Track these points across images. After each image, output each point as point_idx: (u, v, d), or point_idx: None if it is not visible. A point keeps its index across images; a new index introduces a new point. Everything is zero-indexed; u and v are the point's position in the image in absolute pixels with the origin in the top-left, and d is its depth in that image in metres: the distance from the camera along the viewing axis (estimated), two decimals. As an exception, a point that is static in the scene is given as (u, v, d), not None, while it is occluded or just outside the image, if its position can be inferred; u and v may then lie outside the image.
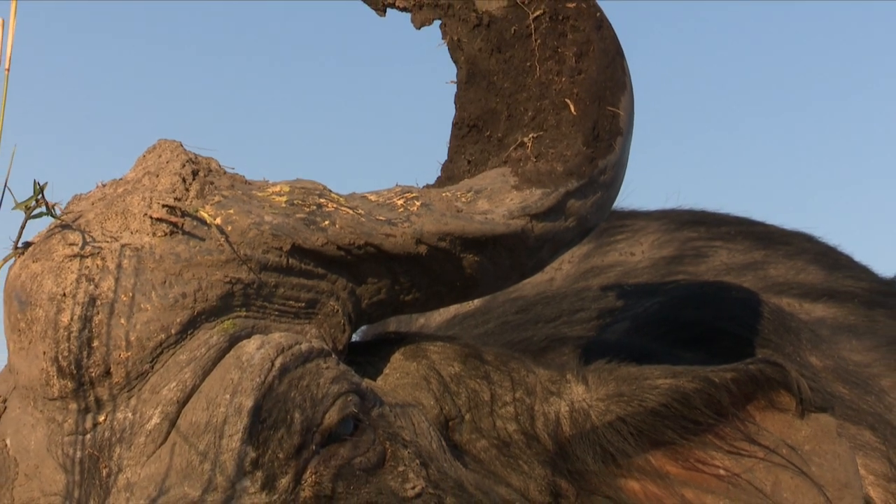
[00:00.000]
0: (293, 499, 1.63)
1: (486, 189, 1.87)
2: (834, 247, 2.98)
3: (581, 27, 1.92)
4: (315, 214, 1.75)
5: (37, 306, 1.66)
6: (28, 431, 1.68)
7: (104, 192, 1.77)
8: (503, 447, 1.85)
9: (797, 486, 1.82)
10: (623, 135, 1.92)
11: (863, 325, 2.65)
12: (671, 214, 2.98)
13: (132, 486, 1.62)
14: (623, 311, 2.39)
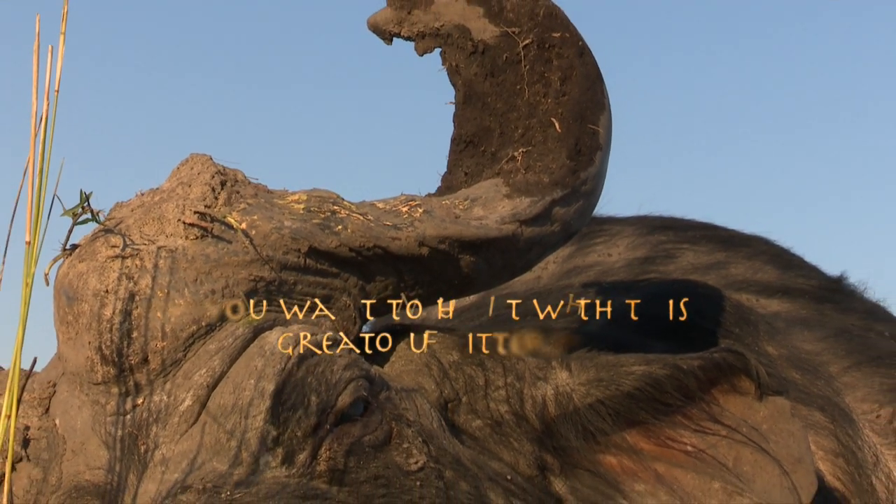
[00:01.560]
0: (310, 472, 1.62)
1: (480, 198, 1.87)
2: (787, 249, 2.98)
3: (565, 54, 1.92)
4: (329, 220, 1.74)
5: (83, 301, 1.66)
6: (75, 412, 1.68)
7: (142, 200, 1.76)
8: (496, 426, 1.85)
9: (756, 461, 1.82)
10: (602, 149, 1.92)
11: (813, 319, 2.64)
12: (644, 220, 2.98)
13: (167, 460, 1.61)
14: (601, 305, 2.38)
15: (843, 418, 2.35)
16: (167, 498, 1.57)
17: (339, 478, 1.63)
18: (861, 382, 2.47)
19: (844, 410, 2.37)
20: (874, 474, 2.31)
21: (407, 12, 2.01)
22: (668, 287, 2.52)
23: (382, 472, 1.66)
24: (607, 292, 2.43)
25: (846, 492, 2.25)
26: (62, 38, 1.45)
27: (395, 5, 2.02)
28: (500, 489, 1.76)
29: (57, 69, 1.44)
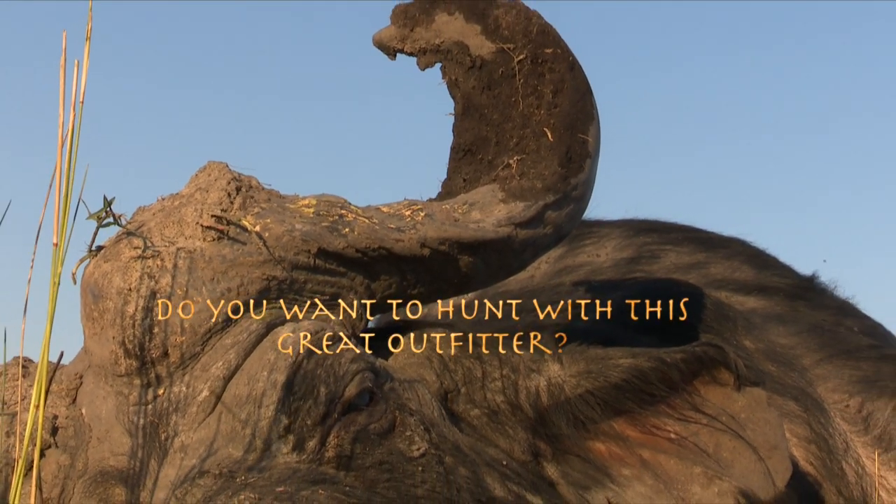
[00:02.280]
0: (319, 458, 1.61)
1: (478, 202, 1.86)
2: (763, 250, 2.97)
3: (557, 69, 1.92)
4: (337, 223, 1.74)
5: (107, 299, 1.66)
6: (100, 402, 1.67)
7: (163, 205, 1.76)
8: (492, 415, 1.84)
9: (735, 447, 1.81)
10: (591, 157, 1.92)
11: (787, 315, 2.64)
12: (630, 223, 2.97)
13: (186, 447, 1.61)
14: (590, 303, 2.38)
15: (816, 407, 2.34)
16: (186, 482, 1.56)
17: (346, 463, 1.62)
18: (832, 374, 2.47)
19: (816, 400, 2.37)
20: (844, 460, 2.30)
21: (409, 30, 2.01)
22: (652, 285, 2.51)
23: (387, 458, 1.66)
24: (596, 290, 2.42)
25: (818, 476, 2.25)
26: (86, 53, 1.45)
27: (398, 23, 2.02)
28: (497, 474, 1.76)
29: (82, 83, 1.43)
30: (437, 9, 2.00)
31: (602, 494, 1.83)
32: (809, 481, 2.23)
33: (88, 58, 1.41)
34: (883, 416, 2.39)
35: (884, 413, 2.40)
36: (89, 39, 1.46)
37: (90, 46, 1.43)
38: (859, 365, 2.49)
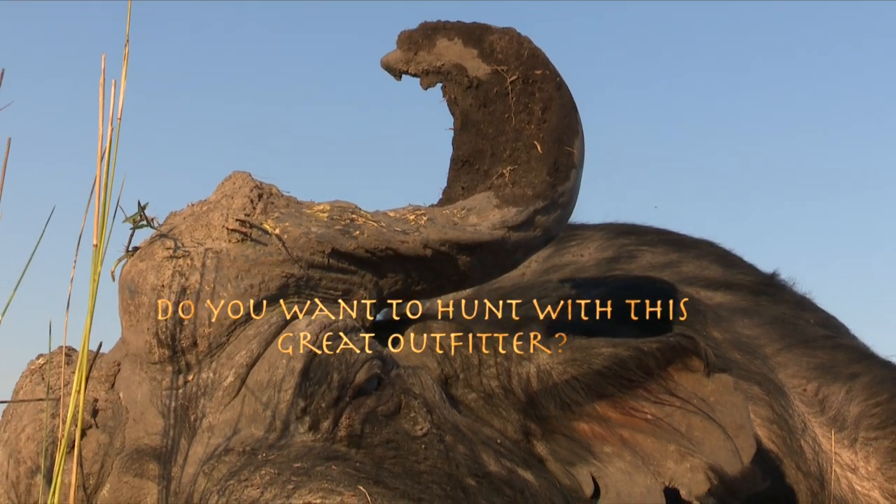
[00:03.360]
0: (332, 437, 1.61)
1: (475, 208, 1.86)
2: (729, 250, 2.96)
3: (545, 88, 1.92)
4: (349, 226, 1.73)
5: (142, 294, 1.65)
6: (136, 387, 1.66)
7: (192, 210, 1.75)
8: (488, 398, 1.83)
9: (705, 427, 1.81)
10: (576, 167, 1.91)
11: (751, 308, 2.63)
12: (610, 227, 2.96)
13: (213, 427, 1.60)
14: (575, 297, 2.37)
15: (777, 392, 2.33)
16: (212, 459, 1.56)
17: (356, 442, 1.61)
18: (791, 362, 2.46)
19: (778, 385, 2.36)
20: (803, 438, 2.29)
21: (413, 53, 2.01)
22: (630, 282, 2.50)
23: (393, 437, 1.65)
24: (580, 286, 2.41)
25: (779, 453, 2.24)
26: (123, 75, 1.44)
27: (403, 47, 2.02)
28: (492, 451, 1.75)
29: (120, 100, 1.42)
30: (438, 35, 2.00)
31: (586, 469, 1.82)
32: (771, 458, 2.22)
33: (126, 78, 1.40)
34: (837, 400, 2.38)
35: (838, 396, 2.39)
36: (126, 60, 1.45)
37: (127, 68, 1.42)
38: (816, 353, 2.48)
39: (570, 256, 2.76)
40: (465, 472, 1.67)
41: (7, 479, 1.66)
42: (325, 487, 1.49)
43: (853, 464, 2.31)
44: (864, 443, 2.33)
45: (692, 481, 1.79)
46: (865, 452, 2.31)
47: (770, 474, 2.18)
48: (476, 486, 1.66)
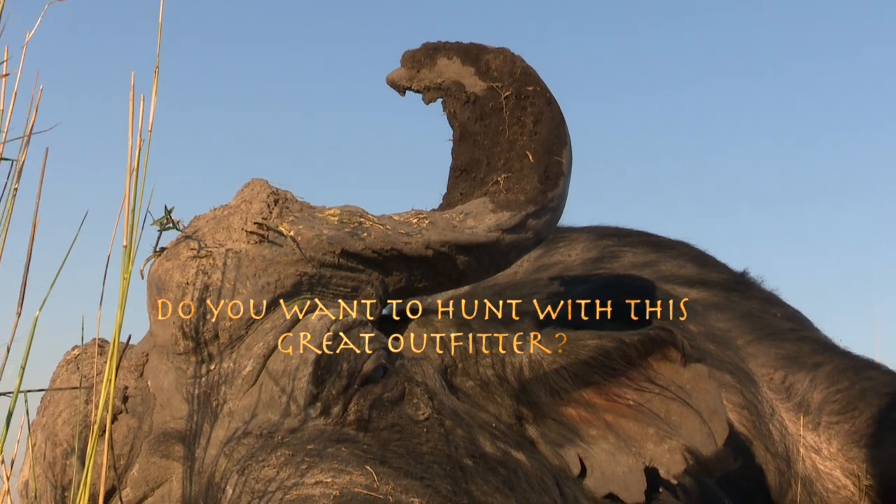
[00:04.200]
0: (342, 421, 1.60)
1: (472, 212, 1.85)
2: (704, 251, 2.95)
3: (536, 103, 1.91)
4: (357, 229, 1.72)
5: (169, 291, 1.64)
6: (163, 376, 1.66)
7: (214, 214, 1.75)
8: (484, 386, 1.83)
9: (682, 412, 1.80)
10: (565, 176, 1.91)
11: (723, 304, 2.62)
12: (595, 229, 2.95)
13: (233, 412, 1.59)
14: (563, 294, 2.36)
15: (747, 380, 2.33)
16: (232, 441, 1.55)
17: (364, 426, 1.61)
18: (760, 352, 2.46)
19: (748, 374, 2.35)
20: (771, 422, 2.29)
21: (416, 71, 2.01)
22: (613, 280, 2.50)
23: (397, 421, 1.64)
24: (568, 283, 2.41)
25: (749, 436, 2.23)
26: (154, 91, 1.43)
27: (407, 66, 2.01)
28: (487, 434, 1.74)
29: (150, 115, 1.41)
30: (439, 54, 1.99)
31: (573, 451, 1.81)
32: (742, 440, 2.21)
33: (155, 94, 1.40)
34: (802, 387, 2.38)
35: (803, 384, 2.38)
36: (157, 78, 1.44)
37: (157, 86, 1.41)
38: (782, 345, 2.48)
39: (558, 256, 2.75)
40: (463, 453, 1.66)
41: (44, 460, 1.66)
42: (335, 467, 1.49)
43: (817, 445, 2.30)
44: (826, 426, 2.32)
45: (670, 461, 1.78)
46: (828, 435, 2.31)
47: (741, 455, 2.18)
48: (473, 465, 1.65)
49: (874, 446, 2.26)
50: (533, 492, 1.68)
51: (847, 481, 2.27)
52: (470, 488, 1.60)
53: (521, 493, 1.65)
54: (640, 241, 2.87)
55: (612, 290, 2.38)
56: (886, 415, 2.29)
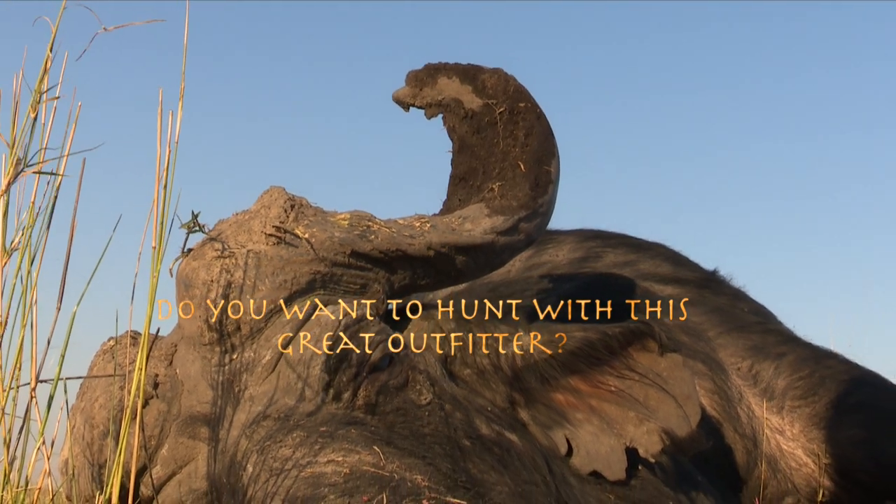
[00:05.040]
0: (352, 406, 1.59)
1: (470, 216, 1.84)
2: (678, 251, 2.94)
3: (527, 118, 1.90)
4: (366, 232, 1.71)
5: (195, 288, 1.63)
6: (190, 364, 1.65)
7: (237, 218, 1.74)
8: (480, 374, 1.82)
9: (659, 397, 1.79)
10: (553, 183, 1.90)
11: (696, 299, 2.61)
12: (581, 232, 2.94)
13: (253, 397, 1.58)
14: (552, 290, 2.35)
15: (718, 368, 2.31)
16: (253, 423, 1.54)
17: (371, 410, 1.60)
18: (729, 343, 2.44)
19: (718, 362, 2.34)
20: (739, 406, 2.28)
21: (419, 90, 2.00)
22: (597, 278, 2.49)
23: (402, 405, 1.63)
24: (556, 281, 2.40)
25: (720, 418, 2.22)
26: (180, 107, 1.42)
27: (410, 85, 2.01)
28: (483, 417, 1.73)
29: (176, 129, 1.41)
30: (440, 74, 1.99)
31: (561, 432, 1.80)
32: (713, 422, 2.20)
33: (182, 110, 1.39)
34: (767, 375, 2.37)
35: (768, 372, 2.37)
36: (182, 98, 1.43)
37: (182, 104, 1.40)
38: (749, 336, 2.47)
39: (547, 256, 2.74)
40: (461, 435, 1.65)
41: (83, 440, 1.65)
42: (345, 447, 1.48)
43: (781, 427, 2.29)
44: (789, 410, 2.31)
45: (648, 442, 1.77)
46: (791, 418, 2.30)
47: (712, 436, 2.17)
48: (470, 446, 1.64)
49: (832, 428, 2.25)
50: (524, 469, 1.67)
51: (808, 460, 2.26)
52: (468, 466, 1.59)
53: (513, 471, 1.64)
54: (620, 242, 2.85)
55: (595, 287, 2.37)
56: (843, 399, 2.28)
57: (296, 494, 1.40)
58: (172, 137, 1.41)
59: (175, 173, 1.40)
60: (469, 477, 1.56)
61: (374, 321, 1.68)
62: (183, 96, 1.44)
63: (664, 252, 2.88)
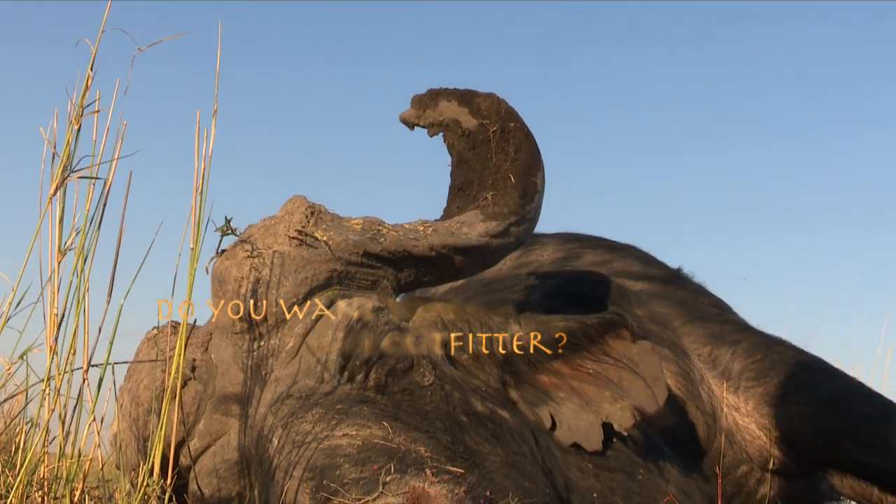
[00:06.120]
0: (364, 386, 1.58)
1: (467, 222, 1.83)
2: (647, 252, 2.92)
3: (517, 136, 1.89)
4: (376, 235, 1.71)
5: (228, 283, 1.63)
6: (223, 350, 1.64)
7: (264, 223, 1.73)
8: (476, 359, 1.81)
9: (632, 379, 1.78)
10: (539, 193, 1.89)
11: (663, 293, 2.60)
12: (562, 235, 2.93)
13: (278, 379, 1.58)
14: (538, 286, 2.34)
15: (682, 353, 2.30)
16: (278, 402, 1.53)
17: (381, 390, 1.59)
18: (692, 332, 2.43)
19: (682, 348, 2.33)
20: (700, 386, 2.27)
21: (422, 111, 1.99)
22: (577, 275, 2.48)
23: (408, 386, 1.62)
24: (542, 278, 2.38)
25: (684, 397, 2.21)
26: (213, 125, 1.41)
27: (415, 107, 2.00)
28: (479, 396, 1.72)
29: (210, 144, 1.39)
30: (440, 98, 1.98)
31: (546, 409, 1.79)
32: (678, 401, 2.19)
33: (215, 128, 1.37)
34: (724, 359, 2.36)
35: (725, 357, 2.36)
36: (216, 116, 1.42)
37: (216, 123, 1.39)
38: (709, 326, 2.45)
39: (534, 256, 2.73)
40: (459, 411, 1.64)
41: (130, 417, 1.64)
42: (358, 423, 1.47)
43: (736, 405, 2.28)
44: (744, 390, 2.30)
45: (622, 418, 1.77)
46: (745, 397, 2.29)
47: (677, 412, 2.16)
48: (467, 421, 1.63)
49: (781, 405, 2.24)
50: (514, 442, 1.66)
51: (760, 433, 2.25)
52: (465, 439, 1.58)
53: (505, 443, 1.63)
54: (597, 244, 2.84)
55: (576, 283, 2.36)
56: (790, 381, 2.27)
57: (315, 463, 1.39)
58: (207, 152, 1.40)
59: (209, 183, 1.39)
60: (466, 448, 1.55)
61: (384, 313, 1.67)
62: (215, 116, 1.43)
63: (635, 252, 2.87)
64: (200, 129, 1.35)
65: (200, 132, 1.36)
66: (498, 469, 1.55)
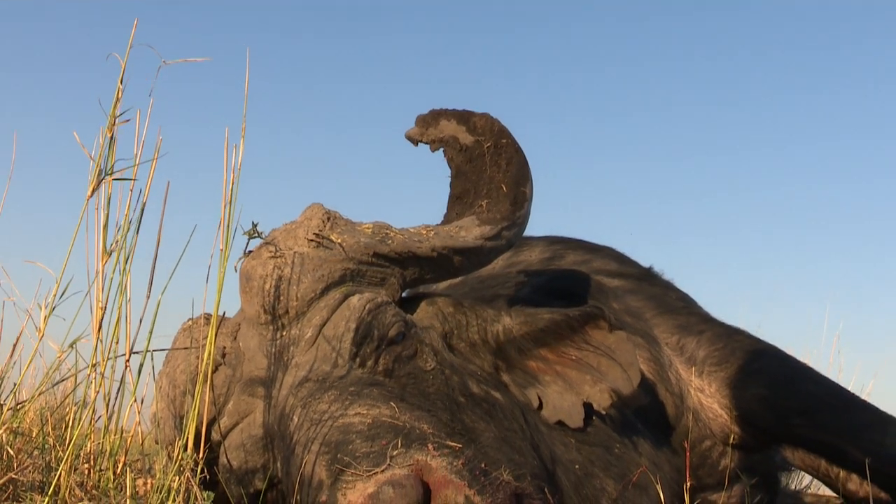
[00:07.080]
0: (373, 371, 1.58)
1: (464, 226, 1.83)
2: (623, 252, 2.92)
3: (508, 151, 1.89)
4: (385, 238, 1.70)
5: (254, 280, 1.62)
6: (250, 339, 1.64)
7: (286, 227, 1.73)
8: (472, 346, 1.80)
9: (609, 364, 1.78)
10: (528, 201, 1.89)
11: (636, 289, 2.59)
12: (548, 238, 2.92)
13: (298, 365, 1.57)
14: (527, 283, 2.34)
15: (653, 342, 2.30)
16: (298, 385, 1.53)
17: (389, 374, 1.59)
18: (662, 323, 2.43)
19: (654, 338, 2.33)
20: (669, 371, 2.26)
21: (425, 129, 1.99)
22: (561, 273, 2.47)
23: (412, 370, 1.62)
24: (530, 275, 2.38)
25: (655, 380, 2.21)
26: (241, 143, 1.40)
27: (418, 125, 2.01)
28: (475, 379, 1.72)
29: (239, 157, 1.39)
30: (441, 117, 1.98)
31: (534, 391, 1.79)
32: (650, 383, 2.19)
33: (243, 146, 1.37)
34: (690, 347, 2.35)
35: (691, 345, 2.36)
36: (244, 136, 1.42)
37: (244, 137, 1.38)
38: (677, 318, 2.45)
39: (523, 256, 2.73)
40: (457, 393, 1.64)
41: (167, 397, 1.64)
42: (369, 403, 1.47)
43: (701, 387, 2.28)
44: (708, 374, 2.30)
45: (601, 398, 1.76)
46: (709, 380, 2.28)
47: (649, 394, 2.15)
48: (465, 401, 1.63)
49: (740, 388, 2.24)
50: (506, 419, 1.66)
51: (722, 412, 2.25)
52: (462, 418, 1.58)
53: (497, 421, 1.63)
54: (578, 245, 2.84)
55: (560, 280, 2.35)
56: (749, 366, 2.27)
57: (330, 439, 1.39)
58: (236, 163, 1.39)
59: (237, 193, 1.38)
60: (464, 426, 1.55)
61: (391, 306, 1.67)
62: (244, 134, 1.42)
63: (612, 253, 2.86)
64: (229, 145, 1.35)
65: (229, 149, 1.36)
66: (491, 444, 1.55)
